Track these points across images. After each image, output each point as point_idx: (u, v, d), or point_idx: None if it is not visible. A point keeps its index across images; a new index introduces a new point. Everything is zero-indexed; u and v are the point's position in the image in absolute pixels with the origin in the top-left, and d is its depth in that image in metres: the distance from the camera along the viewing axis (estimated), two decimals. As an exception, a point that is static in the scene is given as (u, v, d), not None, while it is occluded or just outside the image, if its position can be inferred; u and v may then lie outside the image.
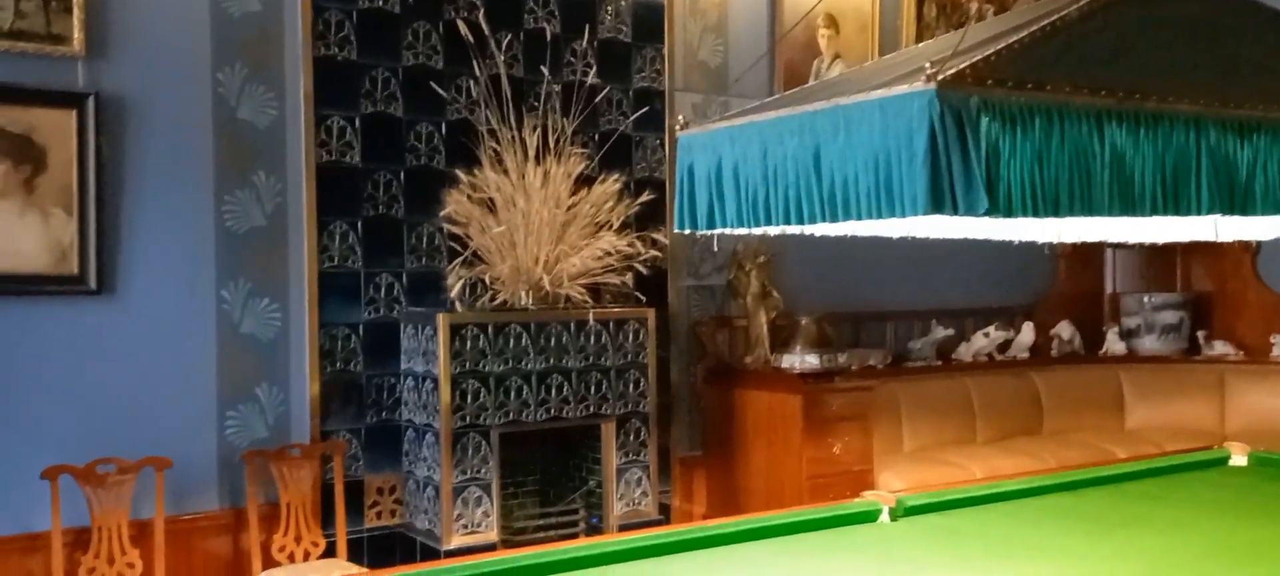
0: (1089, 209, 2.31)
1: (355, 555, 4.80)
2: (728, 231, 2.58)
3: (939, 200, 2.18)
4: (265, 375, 4.76)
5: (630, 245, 4.99)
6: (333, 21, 4.83)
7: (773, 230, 2.56)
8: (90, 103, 4.32)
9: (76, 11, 4.27)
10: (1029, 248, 3.95)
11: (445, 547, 4.66)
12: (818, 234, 2.80)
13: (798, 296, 5.95)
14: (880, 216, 2.28)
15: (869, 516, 3.28)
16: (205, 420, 4.64)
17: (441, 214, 4.93)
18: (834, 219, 2.36)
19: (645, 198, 5.30)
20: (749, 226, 2.48)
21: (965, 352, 6.61)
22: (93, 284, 4.36)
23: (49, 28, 4.24)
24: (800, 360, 5.54)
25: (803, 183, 2.40)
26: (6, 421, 4.21)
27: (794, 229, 2.55)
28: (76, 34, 4.28)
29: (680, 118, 2.78)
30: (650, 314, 5.18)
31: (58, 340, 4.32)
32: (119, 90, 4.42)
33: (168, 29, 4.52)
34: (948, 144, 2.16)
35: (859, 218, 2.32)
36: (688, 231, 2.65)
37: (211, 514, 4.63)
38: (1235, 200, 2.48)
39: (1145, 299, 7.10)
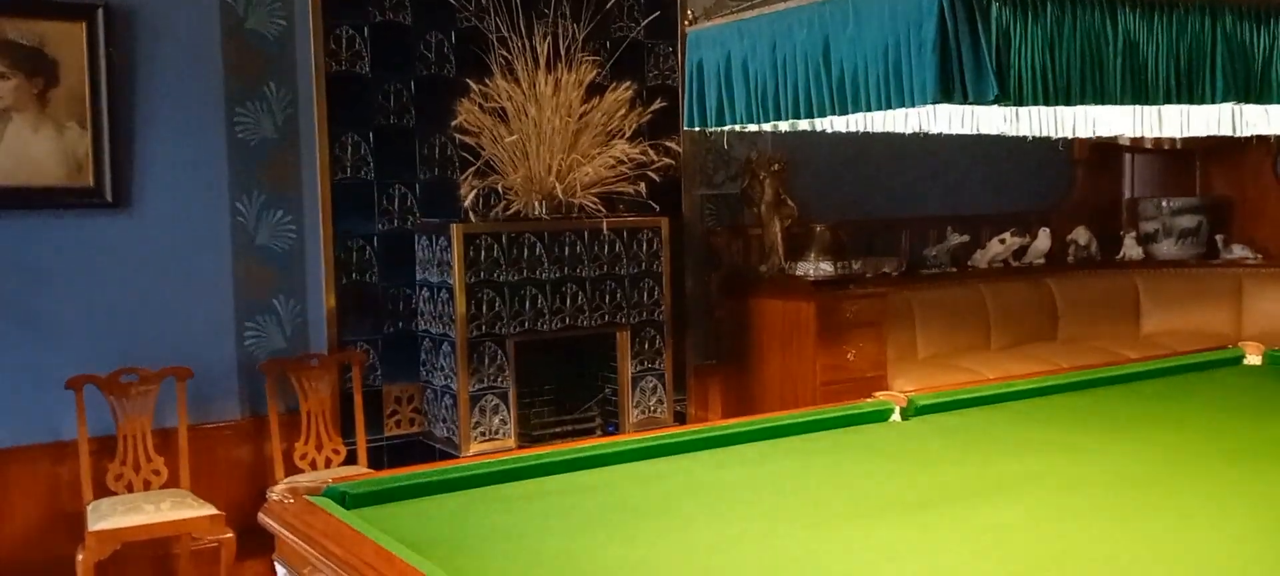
0: (1101, 97, 2.28)
1: (376, 462, 4.88)
2: (738, 127, 2.56)
3: (948, 88, 2.15)
4: (282, 286, 4.81)
5: (643, 154, 4.96)
6: (339, -71, 4.77)
7: (783, 124, 2.54)
8: (99, 14, 4.31)
9: (81, -79, 4.24)
10: (1045, 153, 3.92)
11: (463, 455, 4.73)
12: (830, 131, 2.78)
13: (812, 204, 5.93)
14: (889, 106, 2.25)
15: (880, 415, 3.30)
16: (224, 331, 4.69)
17: (453, 124, 4.91)
18: (843, 111, 2.34)
19: (658, 105, 5.25)
20: (758, 121, 2.46)
21: (981, 259, 6.58)
22: (108, 196, 4.38)
23: (54, -62, 4.21)
24: (815, 268, 5.54)
25: (812, 75, 2.37)
26: (31, 333, 4.27)
27: (804, 123, 2.53)
28: (82, -56, 4.25)
29: (690, 13, 2.74)
30: (664, 223, 5.17)
31: (76, 252, 4.37)
32: (129, 1, 4.39)
33: (173, -62, 4.48)
34: (957, 31, 2.12)
35: (868, 109, 2.30)
36: (698, 129, 2.63)
37: (233, 422, 4.71)
38: (1251, 88, 2.43)
39: (1163, 203, 7.02)
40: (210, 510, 4.13)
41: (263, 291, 4.77)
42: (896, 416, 3.27)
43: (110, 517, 3.99)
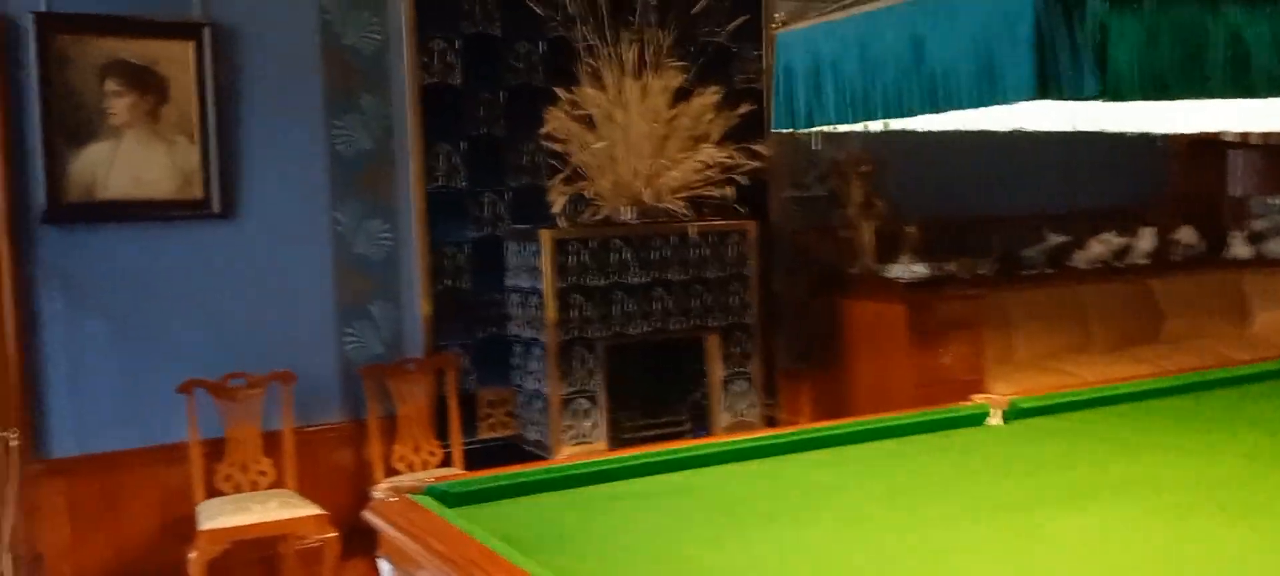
0: (1203, 91, 2.21)
1: (471, 465, 4.95)
2: (827, 129, 2.56)
3: (1045, 84, 2.11)
4: (379, 293, 4.94)
5: (730, 157, 4.97)
6: (431, -57, 4.89)
7: (873, 125, 2.52)
8: (206, 33, 4.48)
9: (189, -55, 4.42)
10: (1138, 149, 3.82)
11: (555, 458, 4.79)
12: (922, 128, 2.75)
13: (903, 204, 5.86)
14: (984, 105, 2.22)
15: (978, 419, 3.25)
16: (325, 337, 4.84)
17: (541, 132, 4.98)
18: (936, 109, 2.31)
19: (744, 109, 5.25)
20: (848, 122, 2.45)
21: (1080, 259, 6.42)
22: (216, 208, 4.56)
23: (164, -38, 4.41)
24: (907, 269, 5.48)
25: (903, 74, 2.35)
26: (145, 340, 4.47)
27: (895, 123, 2.51)
28: (190, -33, 4.44)
29: (777, 17, 2.75)
30: (752, 225, 5.17)
31: (187, 262, 4.55)
32: (232, 20, 4.57)
33: (274, -42, 4.65)
34: (1053, 25, 2.08)
35: (962, 107, 2.26)
36: (786, 132, 2.63)
37: (334, 425, 4.85)
38: (1365, 79, 2.33)
39: (1273, 201, 6.76)
40: (315, 510, 4.26)
41: (361, 298, 4.90)
42: (996, 419, 3.22)
43: (220, 517, 4.15)
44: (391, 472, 4.77)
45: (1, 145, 4.17)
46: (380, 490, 2.62)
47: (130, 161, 4.41)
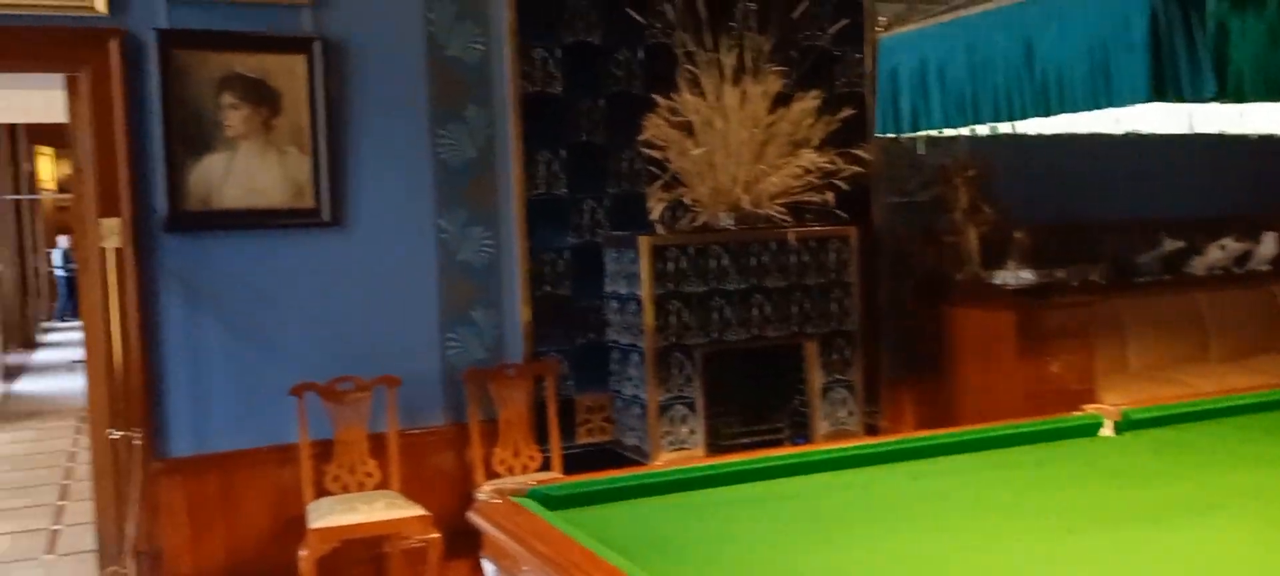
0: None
1: (569, 469, 5.00)
2: (932, 134, 2.52)
3: (1162, 86, 2.04)
4: (481, 299, 5.02)
5: (831, 162, 4.91)
6: (532, -46, 4.96)
7: (981, 128, 2.47)
8: (317, 47, 4.63)
9: (301, -38, 4.57)
10: (1262, 151, 3.65)
11: (653, 463, 4.80)
12: (1032, 132, 2.69)
13: (1010, 209, 5.70)
14: (1097, 107, 2.16)
15: (1090, 429, 3.15)
16: (429, 342, 4.94)
17: (640, 139, 5.00)
18: (1047, 112, 2.26)
19: (846, 113, 5.19)
20: (955, 126, 2.41)
21: (1197, 266, 6.16)
22: (326, 216, 4.70)
23: (278, -21, 4.56)
24: (1015, 276, 5.34)
25: (1012, 77, 2.30)
26: (259, 344, 4.63)
27: (1004, 126, 2.45)
28: (302, -17, 4.59)
29: (882, 20, 2.71)
30: (853, 231, 5.11)
31: (298, 269, 4.70)
32: (341, 34, 4.71)
33: (382, -27, 4.77)
34: (1170, 25, 2.02)
35: (1075, 110, 2.21)
36: (891, 136, 2.60)
37: (437, 428, 4.95)
38: None
39: None
40: (419, 511, 4.35)
41: (464, 304, 4.99)
42: (1108, 430, 3.11)
43: (329, 516, 4.27)
44: (492, 475, 4.84)
45: (126, 157, 4.37)
46: (484, 492, 2.66)
47: (245, 172, 4.58)
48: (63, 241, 17.70)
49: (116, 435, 4.34)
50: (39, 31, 4.24)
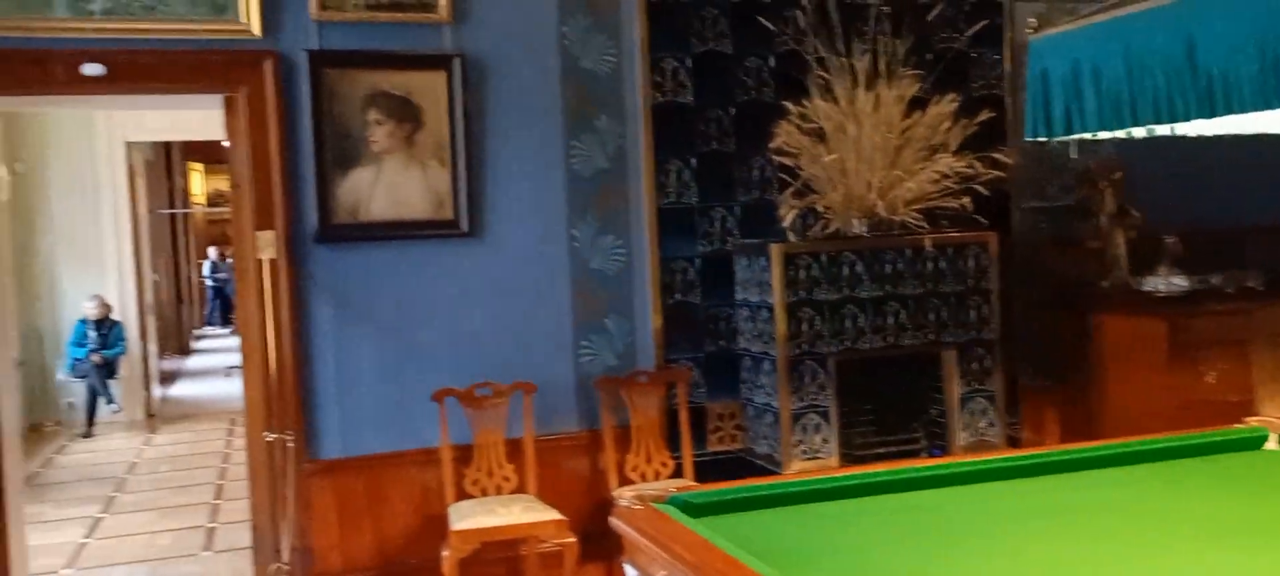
0: None
1: (701, 477, 5.02)
2: (1087, 136, 2.43)
3: (1340, 80, 1.93)
4: (613, 307, 5.08)
5: (970, 167, 4.80)
6: (663, -35, 5.00)
7: (1137, 131, 2.38)
8: (456, 63, 4.77)
9: (441, -19, 4.72)
10: None
11: (785, 472, 4.77)
12: (1192, 134, 2.57)
13: (1158, 213, 5.47)
14: (1269, 107, 2.06)
15: (1252, 443, 3.00)
16: (562, 349, 5.02)
17: (771, 146, 4.99)
18: (1211, 113, 2.16)
19: (984, 116, 5.07)
20: (1111, 129, 2.32)
21: (1368, 271, 5.77)
22: (465, 227, 4.83)
23: (420, -2, 4.73)
24: (1165, 282, 5.11)
25: (1173, 77, 2.21)
26: (402, 350, 4.78)
27: (1161, 128, 2.36)
28: (442, 2, 4.73)
29: (1032, 21, 2.64)
30: (992, 238, 4.98)
31: (439, 278, 4.85)
32: (479, 50, 4.84)
33: (518, -11, 4.89)
34: (1350, 14, 1.91)
35: (1242, 110, 2.11)
36: (1042, 139, 2.52)
37: (571, 434, 5.02)
38: None
39: None
40: (556, 515, 4.43)
41: (596, 312, 5.06)
42: (1274, 443, 2.95)
43: (470, 518, 4.38)
44: (625, 481, 4.88)
45: (281, 172, 4.59)
46: (625, 498, 2.69)
47: (389, 185, 4.75)
48: (211, 253, 18.64)
49: (272, 437, 4.55)
50: (201, 54, 4.49)
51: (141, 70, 4.45)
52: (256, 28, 4.51)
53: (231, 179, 4.82)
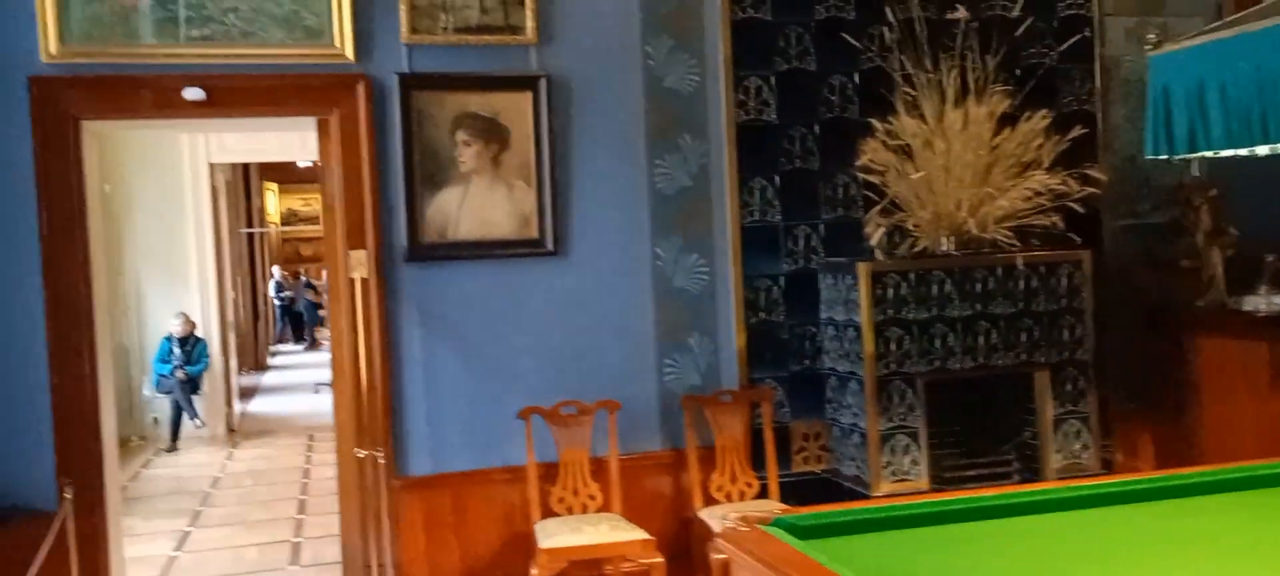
0: None
1: (786, 497, 4.98)
2: (1212, 154, 2.37)
3: None
4: (696, 326, 5.07)
5: (1063, 183, 4.71)
6: (748, -16, 5.00)
7: (1261, 149, 2.31)
8: (542, 84, 4.81)
9: (528, 4, 4.77)
10: None
11: (875, 493, 4.71)
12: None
13: (1258, 230, 5.30)
14: None
15: (1374, 470, 2.88)
16: (646, 367, 5.02)
17: (857, 163, 4.94)
18: (1346, 128, 2.09)
19: (1076, 132, 4.97)
20: (1238, 146, 2.26)
21: None
22: (550, 246, 4.86)
23: (507, 20, 4.78)
24: (1267, 301, 4.95)
25: (1306, 92, 2.14)
26: (488, 368, 4.82)
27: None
28: (529, 23, 4.78)
29: (1151, 37, 2.58)
30: (1086, 256, 4.88)
31: (524, 297, 4.88)
32: (564, 71, 4.88)
33: (603, 11, 4.91)
34: None
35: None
36: (1163, 158, 2.46)
37: (654, 453, 5.01)
38: None
39: None
40: (642, 535, 4.42)
41: (679, 331, 5.05)
42: (1400, 471, 2.84)
43: (558, 536, 4.39)
44: (710, 501, 4.86)
45: (372, 193, 4.66)
46: (730, 518, 2.67)
47: (477, 204, 4.80)
48: (276, 271, 19.00)
49: (362, 454, 4.61)
50: (295, 78, 4.59)
51: (239, 94, 4.56)
52: (350, 52, 4.59)
53: (323, 199, 4.91)
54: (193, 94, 4.47)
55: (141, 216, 9.75)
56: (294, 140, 10.22)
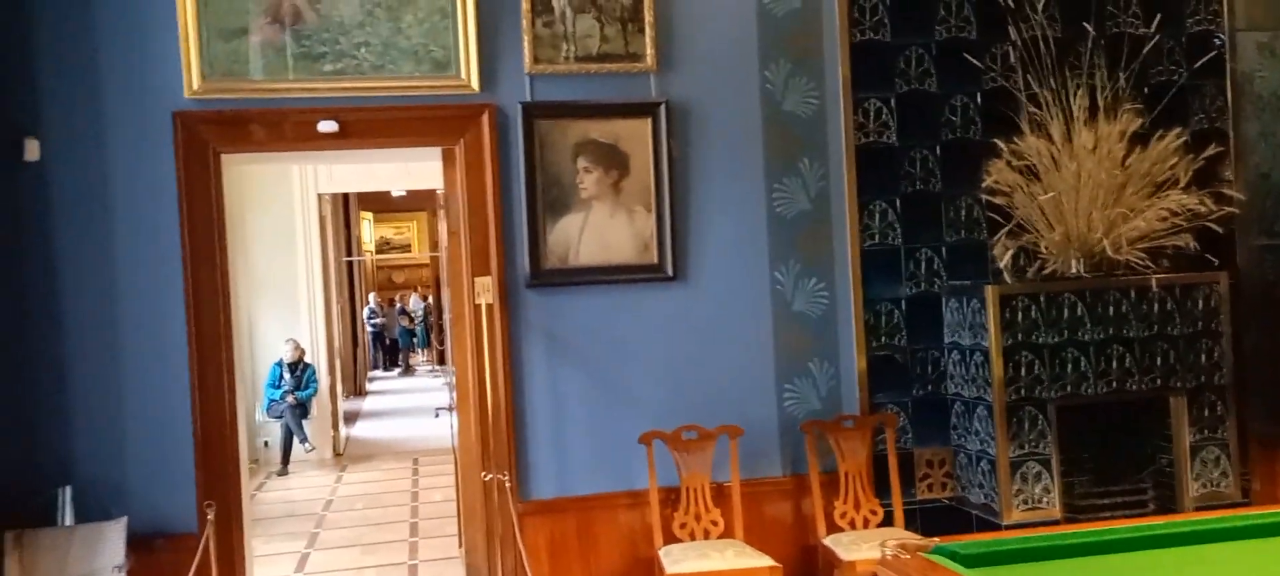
0: None
1: (910, 525, 4.90)
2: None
3: None
4: (816, 350, 5.03)
5: (1200, 203, 4.58)
6: (867, 6, 4.98)
7: None
8: (662, 110, 4.84)
9: (648, 31, 4.82)
10: None
11: (1005, 522, 4.61)
12: None
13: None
14: None
15: None
16: (766, 392, 4.99)
17: (983, 184, 4.87)
18: None
19: (1210, 151, 4.83)
20: None
21: None
22: (670, 271, 4.88)
23: (627, 48, 4.83)
24: None
25: None
26: (610, 393, 4.85)
27: None
28: (649, 51, 4.83)
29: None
30: (1223, 277, 4.72)
31: (644, 322, 4.90)
32: (683, 97, 4.90)
33: (721, 36, 4.93)
34: None
35: None
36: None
37: (775, 479, 4.98)
38: None
39: None
40: (768, 561, 4.39)
41: (799, 355, 5.02)
42: None
43: (683, 562, 4.38)
44: (834, 529, 4.80)
45: (495, 219, 4.74)
46: (890, 547, 2.64)
47: (597, 230, 4.84)
48: (372, 299, 19.41)
49: (488, 477, 4.66)
50: (424, 110, 4.69)
51: (370, 126, 4.68)
52: (475, 83, 4.68)
53: (448, 226, 5.00)
54: (327, 126, 4.60)
55: (255, 245, 10.05)
56: (395, 170, 10.47)
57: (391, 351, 20.00)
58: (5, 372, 4.33)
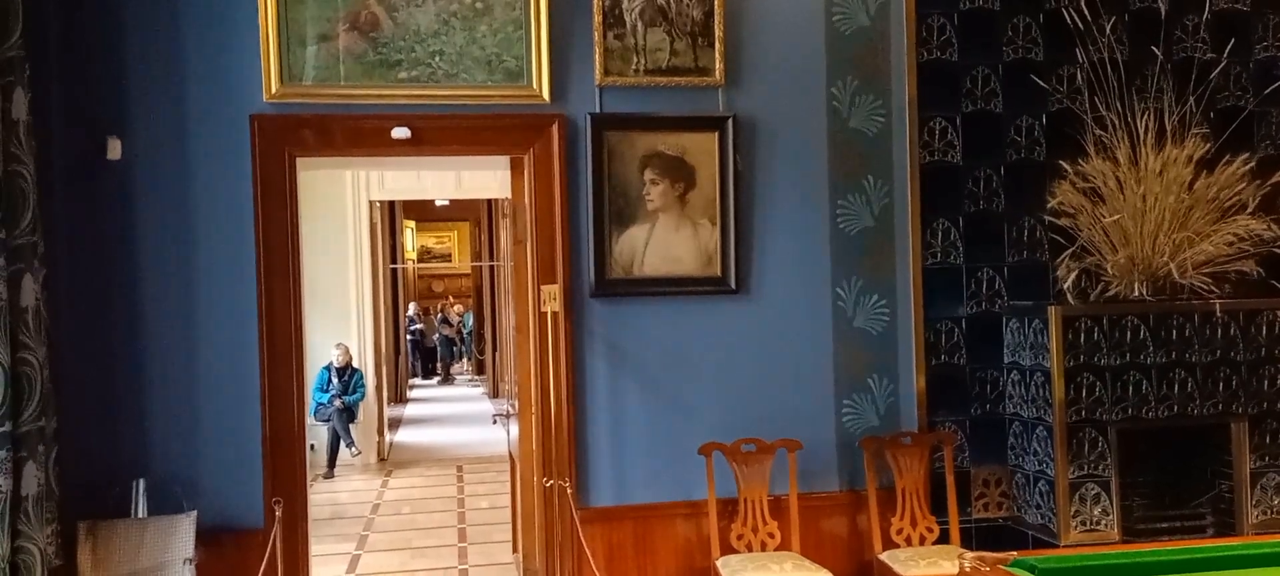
0: None
1: (966, 543, 4.91)
2: None
3: None
4: (876, 367, 5.05)
5: (1269, 228, 4.57)
6: (934, 26, 5.01)
7: None
8: (728, 125, 4.90)
9: (717, 45, 4.88)
10: None
11: (1063, 542, 4.60)
12: None
13: None
14: None
15: None
16: (825, 407, 5.02)
17: (1048, 205, 4.88)
18: None
19: (1277, 177, 4.82)
20: None
21: None
22: (732, 284, 4.93)
23: (696, 62, 4.89)
24: None
25: None
26: (672, 404, 4.89)
27: None
28: (717, 65, 4.89)
29: None
30: (1289, 303, 4.71)
31: (706, 334, 4.94)
32: (749, 111, 4.96)
33: (789, 52, 4.99)
34: None
35: None
36: None
37: (832, 494, 5.00)
38: None
39: None
40: (826, 574, 4.41)
41: (859, 371, 5.04)
42: None
43: (742, 573, 4.41)
44: (889, 545, 4.82)
45: (562, 229, 4.81)
46: (968, 560, 2.67)
47: (662, 242, 4.90)
48: (412, 307, 19.57)
49: (548, 483, 4.72)
50: (495, 118, 4.78)
51: (441, 133, 4.77)
52: (546, 93, 4.76)
53: (514, 235, 5.08)
54: (400, 133, 4.70)
55: (306, 250, 10.19)
56: (447, 179, 10.59)
57: (428, 359, 20.15)
58: (86, 367, 4.45)
